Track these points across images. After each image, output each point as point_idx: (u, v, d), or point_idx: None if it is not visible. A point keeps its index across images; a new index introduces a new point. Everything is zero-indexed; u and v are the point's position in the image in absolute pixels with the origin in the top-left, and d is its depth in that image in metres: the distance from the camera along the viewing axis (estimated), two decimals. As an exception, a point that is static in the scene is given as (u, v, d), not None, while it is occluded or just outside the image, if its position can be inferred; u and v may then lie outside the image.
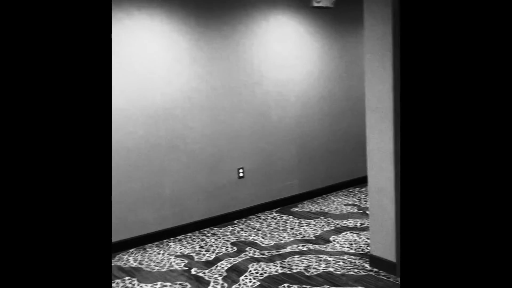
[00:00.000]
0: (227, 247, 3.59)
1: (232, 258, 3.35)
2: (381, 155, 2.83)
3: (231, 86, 4.18)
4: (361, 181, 5.40)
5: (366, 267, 3.03)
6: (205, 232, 4.02)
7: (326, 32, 4.86)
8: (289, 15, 4.54)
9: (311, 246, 3.49)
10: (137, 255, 3.54)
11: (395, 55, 2.62)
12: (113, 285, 2.99)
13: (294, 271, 3.05)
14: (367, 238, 3.57)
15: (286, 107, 4.62)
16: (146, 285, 2.97)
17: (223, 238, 3.81)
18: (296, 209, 4.56)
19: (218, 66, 4.07)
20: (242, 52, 4.22)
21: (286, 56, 4.56)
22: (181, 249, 3.60)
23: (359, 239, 3.58)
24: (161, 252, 3.58)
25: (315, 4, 4.63)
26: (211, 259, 3.37)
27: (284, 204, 4.69)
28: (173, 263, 3.33)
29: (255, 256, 3.37)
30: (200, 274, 3.10)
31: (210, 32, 3.99)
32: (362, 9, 5.16)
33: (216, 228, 4.10)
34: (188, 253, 3.52)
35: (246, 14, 4.21)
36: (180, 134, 3.90)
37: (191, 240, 3.83)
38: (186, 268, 3.21)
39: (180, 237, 3.92)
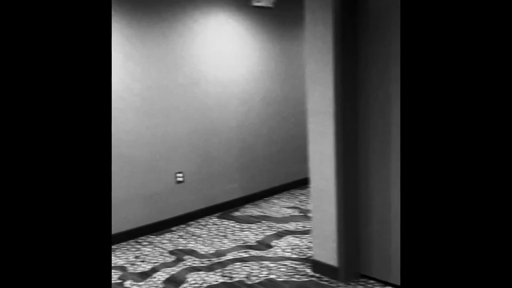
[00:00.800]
0: (164, 256, 3.39)
1: (170, 268, 3.16)
2: (323, 158, 2.78)
3: (168, 86, 3.98)
4: (303, 183, 5.39)
5: (308, 272, 2.98)
6: (141, 240, 3.79)
7: (267, 32, 4.79)
8: (229, 14, 4.42)
9: (252, 252, 3.38)
10: (64, 269, 3.25)
11: (336, 56, 2.58)
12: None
13: (235, 279, 2.93)
14: (309, 242, 3.52)
15: (227, 108, 4.49)
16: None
17: (160, 247, 3.60)
18: (237, 213, 4.45)
19: (154, 65, 3.86)
20: (180, 51, 4.03)
21: (226, 56, 4.43)
22: (114, 260, 3.35)
23: (301, 243, 3.52)
24: (92, 264, 3.31)
25: (255, 4, 4.54)
26: (147, 269, 3.16)
27: (225, 209, 4.56)
28: (104, 277, 3.08)
29: (194, 265, 3.21)
30: (135, 287, 2.89)
31: (145, 29, 3.77)
32: (303, 9, 5.15)
33: (152, 236, 3.88)
34: (122, 264, 3.28)
35: (183, 11, 4.03)
36: (112, 136, 3.64)
37: (125, 249, 3.58)
38: (120, 281, 2.98)
39: (113, 246, 3.66)
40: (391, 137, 2.54)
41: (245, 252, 3.40)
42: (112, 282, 2.97)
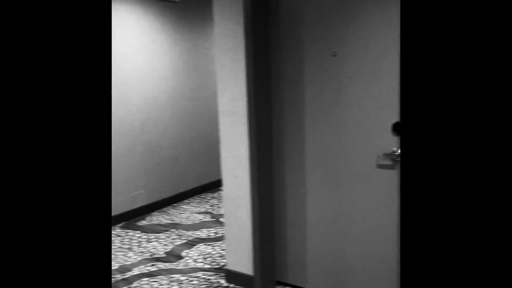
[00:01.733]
0: (58, 278, 2.97)
1: (65, 291, 2.77)
2: (236, 162, 2.61)
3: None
4: (214, 186, 5.20)
5: (223, 283, 2.79)
6: (30, 260, 3.30)
7: (173, 27, 4.51)
8: (130, 6, 4.06)
9: (161, 265, 3.11)
10: None
11: (248, 54, 2.42)
12: None
13: (142, 299, 2.64)
14: (222, 250, 3.34)
15: (129, 108, 4.13)
16: None
17: (53, 266, 3.16)
18: (144, 222, 4.11)
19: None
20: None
21: (126, 51, 4.07)
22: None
23: (214, 251, 3.33)
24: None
25: (160, -3, 4.24)
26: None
27: (129, 218, 4.19)
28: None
29: (95, 285, 2.84)
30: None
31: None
32: (211, 4, 4.95)
33: (45, 254, 3.40)
34: None
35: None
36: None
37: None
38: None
39: None
40: (306, 139, 2.46)
41: (152, 265, 3.12)
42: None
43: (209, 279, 2.86)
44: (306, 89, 2.42)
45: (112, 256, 3.31)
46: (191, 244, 3.50)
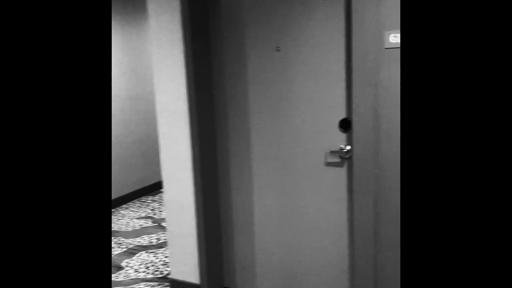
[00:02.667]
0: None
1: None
2: (178, 164, 2.44)
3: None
4: (154, 188, 4.96)
5: (167, 294, 2.62)
6: None
7: (104, 22, 4.21)
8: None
9: (99, 279, 2.87)
10: None
11: (186, 48, 2.26)
12: None
13: (78, 318, 2.41)
14: (166, 257, 3.16)
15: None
16: None
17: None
18: (78, 231, 3.81)
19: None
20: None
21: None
22: None
23: (156, 259, 3.13)
24: None
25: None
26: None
27: (62, 227, 3.87)
28: None
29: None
30: None
31: None
32: None
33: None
34: None
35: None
36: None
37: None
38: None
39: None
40: (251, 138, 2.35)
41: (89, 279, 2.87)
42: None
43: (152, 290, 2.68)
44: (250, 86, 2.30)
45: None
46: (131, 252, 3.28)
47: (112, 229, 3.81)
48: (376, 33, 1.85)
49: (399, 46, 1.82)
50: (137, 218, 4.06)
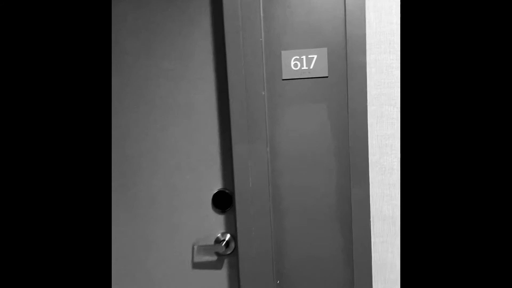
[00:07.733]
0: None
1: None
2: None
3: None
4: None
5: None
6: None
7: None
8: None
9: None
10: None
11: None
12: None
13: None
14: None
15: None
16: None
17: None
18: None
19: None
20: None
21: None
22: None
23: None
24: None
25: None
26: None
27: None
28: None
29: None
30: None
31: None
32: None
33: None
34: None
35: None
36: None
37: None
38: None
39: None
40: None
41: None
42: None
43: None
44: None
45: None
46: None
47: None
48: (269, 55, 1.24)
49: (311, 74, 1.23)
50: None
